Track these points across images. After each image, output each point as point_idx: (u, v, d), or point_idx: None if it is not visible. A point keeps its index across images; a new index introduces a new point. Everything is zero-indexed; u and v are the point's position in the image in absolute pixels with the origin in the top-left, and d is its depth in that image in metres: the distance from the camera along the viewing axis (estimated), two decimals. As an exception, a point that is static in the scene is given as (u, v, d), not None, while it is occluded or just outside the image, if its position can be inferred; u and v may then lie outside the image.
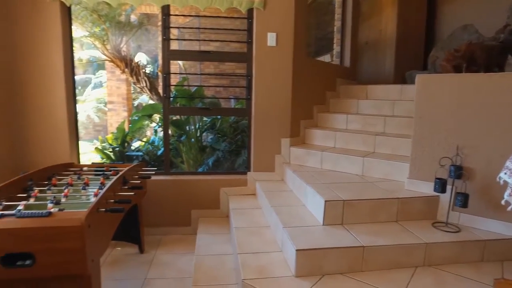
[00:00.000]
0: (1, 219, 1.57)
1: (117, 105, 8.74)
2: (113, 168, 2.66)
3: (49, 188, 2.12)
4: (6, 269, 1.54)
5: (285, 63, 3.22)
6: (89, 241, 1.60)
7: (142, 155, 4.75)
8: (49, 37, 2.97)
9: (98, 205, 1.74)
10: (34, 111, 3.03)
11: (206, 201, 3.30)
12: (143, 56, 9.57)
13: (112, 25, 6.58)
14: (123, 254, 2.95)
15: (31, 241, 1.56)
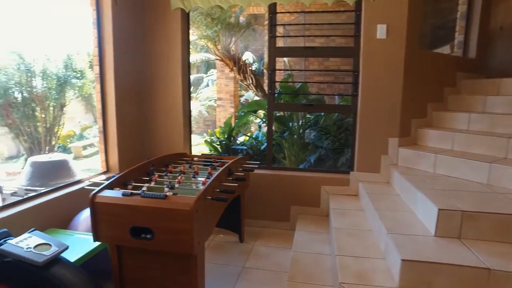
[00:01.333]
0: (130, 197, 1.84)
1: (225, 101, 9.40)
2: (219, 160, 2.86)
3: (166, 174, 2.40)
4: (134, 239, 1.81)
5: (395, 57, 2.96)
6: (196, 225, 1.75)
7: (246, 149, 4.99)
8: (172, 41, 3.35)
9: (205, 193, 1.89)
10: (157, 107, 3.47)
11: (306, 198, 3.28)
12: (249, 54, 10.05)
13: (223, 27, 7.07)
14: (225, 241, 3.15)
15: (151, 218, 1.78)
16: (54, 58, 9.17)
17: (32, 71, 8.68)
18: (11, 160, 10.29)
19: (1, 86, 8.26)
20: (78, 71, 9.48)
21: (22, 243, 1.51)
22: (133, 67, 3.30)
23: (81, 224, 2.43)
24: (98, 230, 1.89)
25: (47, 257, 1.48)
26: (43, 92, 8.89)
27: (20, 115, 8.68)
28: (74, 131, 11.58)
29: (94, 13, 3.00)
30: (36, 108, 8.92)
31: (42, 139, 9.03)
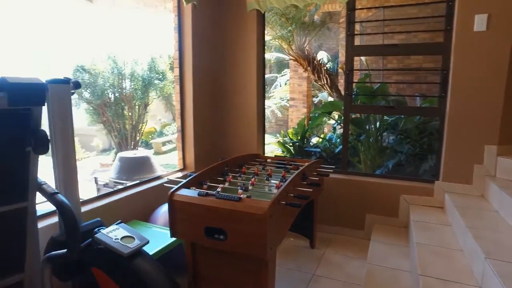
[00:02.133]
0: (206, 197, 1.88)
1: (297, 101, 9.30)
2: (293, 163, 2.80)
3: (239, 175, 2.41)
4: (207, 238, 1.85)
5: (498, 52, 2.58)
6: (269, 230, 1.72)
7: (320, 152, 4.85)
8: (247, 41, 3.39)
9: (279, 197, 1.85)
10: (232, 107, 3.54)
11: (383, 207, 3.06)
12: (323, 54, 9.80)
13: (297, 26, 6.99)
14: (295, 245, 3.09)
15: (224, 220, 1.80)
16: (140, 61, 10.05)
17: (122, 74, 9.63)
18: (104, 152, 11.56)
19: (100, 88, 9.31)
20: (160, 73, 10.24)
21: (111, 233, 1.63)
22: (210, 68, 3.41)
23: (159, 218, 2.58)
24: (175, 226, 1.97)
25: (131, 249, 1.58)
26: (130, 92, 9.80)
27: (112, 113, 9.71)
28: (155, 128, 12.57)
29: (176, 19, 3.17)
30: (124, 107, 9.88)
31: (128, 135, 9.98)
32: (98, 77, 9.36)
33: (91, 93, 9.32)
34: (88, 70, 9.40)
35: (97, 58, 9.65)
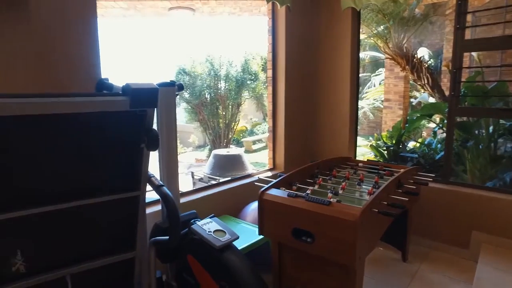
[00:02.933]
0: (295, 198, 1.89)
1: (393, 103, 8.69)
2: (387, 168, 2.63)
3: (330, 178, 2.36)
4: (295, 240, 1.86)
5: None
6: (360, 238, 1.64)
7: (417, 158, 4.44)
8: (341, 41, 3.29)
9: (371, 204, 1.75)
10: (324, 108, 3.48)
11: (494, 225, 2.65)
12: (424, 51, 8.95)
13: (395, 23, 6.52)
14: (385, 256, 2.89)
15: (313, 223, 1.78)
16: (235, 63, 10.59)
17: (218, 75, 10.29)
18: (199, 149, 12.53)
19: (198, 89, 10.13)
20: (252, 74, 10.63)
21: (205, 226, 1.76)
22: (302, 69, 3.41)
23: (249, 215, 2.68)
24: (263, 225, 2.02)
25: (222, 242, 1.67)
26: (225, 93, 10.41)
27: (208, 112, 10.46)
28: (246, 127, 13.11)
29: (270, 21, 3.24)
30: (219, 107, 10.55)
31: (222, 133, 10.62)
32: (197, 79, 10.17)
33: (190, 94, 10.18)
34: (188, 73, 10.28)
35: (197, 61, 10.49)
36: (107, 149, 1.22)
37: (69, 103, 1.03)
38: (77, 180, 1.22)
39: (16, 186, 1.13)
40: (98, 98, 1.14)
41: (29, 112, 0.98)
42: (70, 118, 1.09)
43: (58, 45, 1.80)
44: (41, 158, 1.12)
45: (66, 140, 1.14)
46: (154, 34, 21.39)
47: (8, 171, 1.09)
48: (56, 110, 1.02)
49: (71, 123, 1.11)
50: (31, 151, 1.10)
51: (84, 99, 1.09)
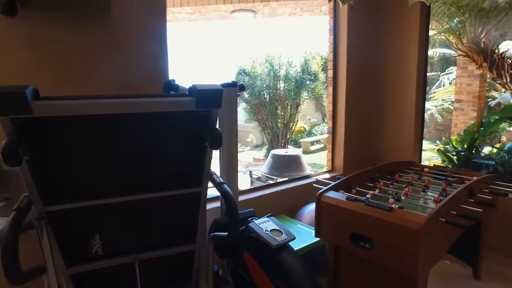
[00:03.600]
0: (354, 202, 1.84)
1: (465, 104, 7.96)
2: (457, 175, 2.42)
3: (391, 183, 2.25)
4: (352, 245, 1.81)
5: None
6: (423, 248, 1.55)
7: (494, 165, 4.02)
8: (408, 38, 3.11)
9: (438, 213, 1.64)
10: (387, 109, 3.32)
11: None
12: (509, 44, 8.05)
13: (472, 15, 5.95)
14: (452, 270, 2.66)
15: (372, 229, 1.71)
16: (294, 63, 10.56)
17: (278, 75, 10.35)
18: (257, 148, 12.72)
19: (258, 89, 10.30)
20: (312, 74, 10.51)
21: (262, 224, 1.79)
22: (364, 69, 3.29)
23: (305, 216, 2.67)
24: (320, 227, 2.00)
25: (279, 242, 1.68)
26: (284, 93, 10.43)
27: (267, 112, 10.58)
28: (304, 127, 13.00)
29: (331, 20, 3.18)
30: (278, 107, 10.60)
31: (280, 133, 10.67)
32: (257, 79, 10.35)
33: (250, 94, 10.39)
34: (248, 73, 10.50)
35: (256, 62, 10.66)
36: (173, 147, 1.31)
37: (142, 103, 1.13)
38: (147, 175, 1.33)
39: (97, 178, 1.26)
40: (167, 99, 1.21)
41: (106, 111, 1.09)
42: (142, 118, 1.19)
43: (132, 49, 1.97)
44: (117, 154, 1.24)
45: (138, 137, 1.24)
46: (217, 36, 22.18)
47: (92, 166, 1.23)
48: (131, 110, 1.12)
49: (143, 122, 1.21)
50: (108, 147, 1.22)
51: (155, 99, 1.18)
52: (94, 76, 1.89)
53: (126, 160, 1.27)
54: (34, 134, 1.06)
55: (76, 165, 1.20)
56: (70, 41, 1.89)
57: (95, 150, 1.20)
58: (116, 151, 1.24)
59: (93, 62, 1.88)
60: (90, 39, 1.86)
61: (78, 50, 1.88)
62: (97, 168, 1.23)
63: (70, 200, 1.23)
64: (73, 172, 1.22)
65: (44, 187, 1.16)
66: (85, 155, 1.20)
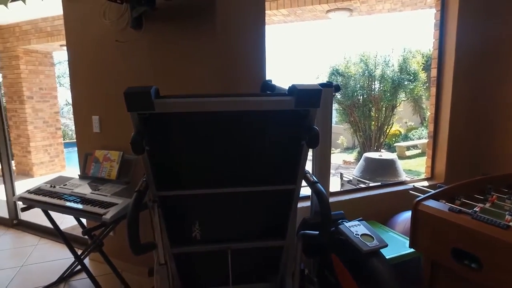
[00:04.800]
0: (458, 214, 1.66)
1: None
2: None
3: (509, 197, 1.96)
4: (454, 261, 1.64)
5: None
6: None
7: None
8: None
9: None
10: (503, 112, 2.89)
11: None
12: None
13: None
14: None
15: (481, 247, 1.53)
16: (391, 63, 9.90)
17: (373, 75, 9.84)
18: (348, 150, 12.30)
19: (351, 90, 9.97)
20: (411, 74, 9.72)
21: (353, 228, 1.74)
22: (477, 67, 2.92)
23: (398, 224, 2.50)
24: (415, 237, 1.86)
25: (369, 248, 1.62)
26: (379, 94, 9.87)
27: (360, 114, 10.16)
28: (400, 131, 12.11)
29: (437, 14, 2.90)
30: (372, 108, 10.09)
31: (373, 136, 10.14)
32: (350, 79, 10.01)
33: (342, 95, 10.10)
34: (342, 73, 10.22)
35: (350, 62, 10.31)
36: (272, 144, 1.37)
37: (248, 101, 1.22)
38: (246, 169, 1.43)
39: (202, 169, 1.41)
40: (269, 98, 1.28)
41: (216, 108, 1.21)
42: (245, 115, 1.28)
43: (234, 52, 2.12)
44: (221, 148, 1.37)
45: (241, 134, 1.35)
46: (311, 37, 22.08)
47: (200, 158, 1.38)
48: (239, 108, 1.23)
49: (246, 119, 1.30)
50: (214, 142, 1.35)
51: (259, 98, 1.26)
52: (201, 77, 2.09)
53: (228, 154, 1.39)
54: (154, 127, 1.24)
55: (186, 156, 1.36)
56: (181, 48, 2.12)
57: (203, 143, 1.34)
58: (221, 145, 1.36)
59: (200, 65, 2.08)
60: (198, 45, 2.06)
61: (188, 55, 2.10)
62: (204, 160, 1.38)
63: (178, 187, 1.39)
64: (183, 163, 1.38)
65: (159, 174, 1.34)
66: (194, 148, 1.35)
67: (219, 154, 1.37)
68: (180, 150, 1.34)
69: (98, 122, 2.59)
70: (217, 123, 1.29)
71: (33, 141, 6.53)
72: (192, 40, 2.08)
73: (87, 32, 2.53)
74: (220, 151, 1.36)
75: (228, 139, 1.34)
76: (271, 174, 1.43)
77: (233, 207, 1.51)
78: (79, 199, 2.15)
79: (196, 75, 2.11)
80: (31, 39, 5.93)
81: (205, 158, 1.37)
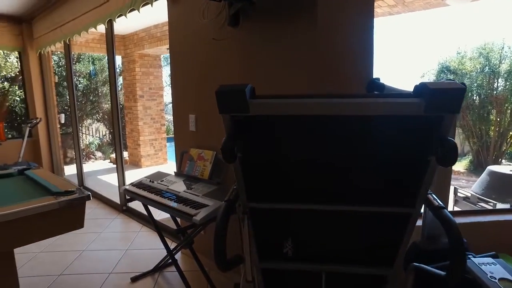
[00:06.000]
0: None
1: None
2: None
3: None
4: None
5: None
6: None
7: None
8: None
9: None
10: None
11: None
12: None
13: None
14: None
15: None
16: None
17: (495, 72, 8.36)
18: (456, 158, 10.77)
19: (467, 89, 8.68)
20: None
21: (485, 267, 1.36)
22: None
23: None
24: None
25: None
26: (502, 93, 8.34)
27: (474, 117, 8.74)
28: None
29: None
30: (491, 111, 8.59)
31: (492, 143, 8.62)
32: (464, 77, 8.69)
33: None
34: (453, 70, 8.96)
35: (466, 57, 8.96)
36: (386, 157, 1.11)
37: (363, 105, 0.98)
38: (352, 185, 1.19)
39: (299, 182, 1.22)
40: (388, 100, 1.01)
41: (323, 112, 1.00)
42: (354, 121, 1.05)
43: (337, 47, 1.87)
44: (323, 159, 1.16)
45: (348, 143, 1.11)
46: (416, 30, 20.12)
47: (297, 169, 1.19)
48: (347, 112, 1.00)
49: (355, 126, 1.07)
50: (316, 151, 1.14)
51: (378, 100, 1.01)
52: (299, 75, 1.90)
53: (332, 166, 1.16)
54: (248, 132, 1.09)
55: (282, 166, 1.18)
56: (277, 44, 1.97)
57: (303, 152, 1.15)
58: (324, 155, 1.15)
59: (298, 62, 1.90)
60: (296, 41, 1.88)
61: (285, 51, 1.94)
62: (302, 171, 1.18)
63: (272, 199, 1.23)
64: (279, 173, 1.21)
65: (250, 184, 1.20)
66: (293, 156, 1.16)
67: (321, 165, 1.16)
68: (276, 158, 1.17)
69: (194, 121, 2.63)
70: (321, 129, 1.08)
71: (142, 135, 7.25)
72: (290, 36, 1.91)
73: (186, 32, 2.58)
74: (323, 162, 1.15)
75: (333, 148, 1.12)
76: (384, 193, 1.16)
77: (333, 226, 1.30)
78: (174, 196, 2.18)
79: (293, 73, 1.94)
80: (145, 44, 6.57)
81: (304, 169, 1.17)
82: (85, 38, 6.31)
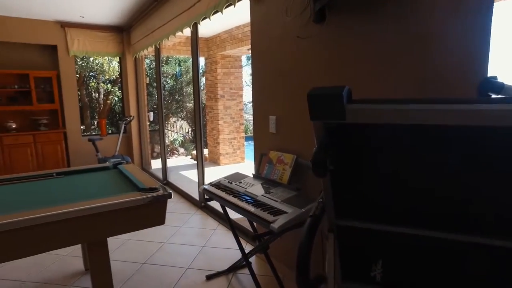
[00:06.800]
0: None
1: None
2: None
3: None
4: None
5: None
6: None
7: None
8: None
9: None
10: None
11: None
12: None
13: None
14: None
15: None
16: None
17: None
18: None
19: None
20: None
21: None
22: None
23: None
24: None
25: None
26: None
27: None
28: None
29: None
30: None
31: None
32: None
33: None
34: None
35: None
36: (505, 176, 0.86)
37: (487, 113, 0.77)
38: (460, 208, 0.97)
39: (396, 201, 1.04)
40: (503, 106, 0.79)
41: (438, 121, 0.80)
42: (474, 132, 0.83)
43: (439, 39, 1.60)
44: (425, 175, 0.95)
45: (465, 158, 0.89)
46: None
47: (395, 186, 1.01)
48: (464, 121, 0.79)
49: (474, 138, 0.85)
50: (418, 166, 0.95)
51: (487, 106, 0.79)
52: (391, 75, 1.69)
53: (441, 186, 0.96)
54: (342, 141, 0.94)
55: (379, 182, 1.01)
56: (369, 38, 1.77)
57: (403, 167, 0.96)
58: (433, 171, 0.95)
59: (391, 59, 1.68)
60: (390, 35, 1.67)
61: (377, 47, 1.73)
62: (400, 190, 1.00)
63: (364, 218, 1.07)
64: (373, 189, 1.04)
65: (340, 199, 1.05)
66: (391, 172, 0.98)
67: (428, 183, 0.96)
68: (372, 172, 1.00)
69: (274, 122, 2.55)
70: (429, 140, 0.89)
71: (222, 134, 7.49)
72: (382, 29, 1.70)
73: (269, 31, 2.51)
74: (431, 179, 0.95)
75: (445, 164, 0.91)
76: (502, 221, 0.92)
77: (434, 256, 1.08)
78: (251, 200, 2.13)
79: (383, 73, 1.72)
80: (227, 46, 6.76)
81: (407, 187, 0.99)
82: (173, 42, 6.75)
